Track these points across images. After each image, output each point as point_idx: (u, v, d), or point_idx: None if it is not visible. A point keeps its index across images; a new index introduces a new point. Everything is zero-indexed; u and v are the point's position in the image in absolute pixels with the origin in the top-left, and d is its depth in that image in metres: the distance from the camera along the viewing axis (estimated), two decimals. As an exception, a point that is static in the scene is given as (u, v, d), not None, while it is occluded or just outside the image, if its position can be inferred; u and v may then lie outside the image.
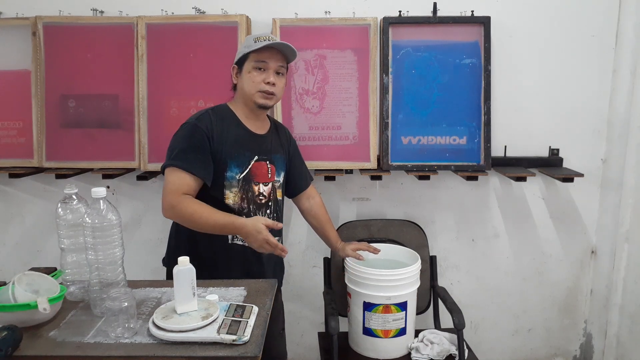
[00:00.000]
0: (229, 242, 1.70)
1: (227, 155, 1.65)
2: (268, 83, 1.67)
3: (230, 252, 1.70)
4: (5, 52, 2.21)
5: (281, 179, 1.81)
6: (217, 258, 1.69)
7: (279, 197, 1.81)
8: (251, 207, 1.71)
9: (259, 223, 1.53)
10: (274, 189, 1.77)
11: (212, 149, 1.62)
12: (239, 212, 1.68)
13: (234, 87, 1.77)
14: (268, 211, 1.76)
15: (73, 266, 1.34)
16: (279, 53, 1.69)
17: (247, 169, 1.69)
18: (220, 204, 1.65)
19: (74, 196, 1.32)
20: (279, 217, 1.82)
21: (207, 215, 1.56)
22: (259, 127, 1.77)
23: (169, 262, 1.80)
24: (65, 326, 1.20)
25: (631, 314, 2.25)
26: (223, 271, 1.66)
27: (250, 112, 1.74)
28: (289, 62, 1.75)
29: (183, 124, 1.66)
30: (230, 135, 1.67)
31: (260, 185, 1.73)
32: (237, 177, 1.67)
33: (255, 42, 1.66)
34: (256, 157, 1.71)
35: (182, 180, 1.58)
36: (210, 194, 1.65)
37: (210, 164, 1.62)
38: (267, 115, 1.84)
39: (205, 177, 1.61)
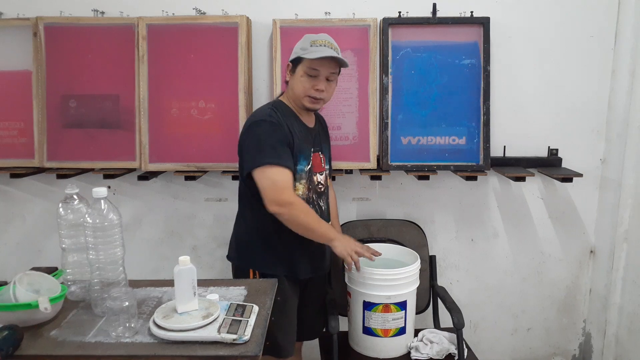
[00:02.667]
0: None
1: (297, 149, 1.73)
2: (317, 90, 1.73)
3: (306, 242, 1.77)
4: (6, 53, 2.22)
5: (329, 167, 1.96)
6: (292, 249, 1.79)
7: (329, 184, 1.97)
8: (314, 196, 1.83)
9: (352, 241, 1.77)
10: (325, 177, 1.90)
11: (289, 143, 1.70)
12: (307, 201, 1.78)
13: (288, 81, 1.81)
14: (325, 198, 1.90)
15: (74, 266, 1.35)
16: (333, 60, 1.72)
17: (311, 161, 1.80)
18: None
19: (74, 196, 1.33)
20: (329, 202, 1.97)
21: (316, 216, 1.73)
22: (309, 120, 1.86)
23: (242, 256, 1.85)
24: (66, 326, 1.21)
25: (630, 314, 2.25)
26: (304, 260, 1.82)
27: (299, 108, 1.81)
28: (343, 66, 1.79)
29: (255, 122, 1.70)
30: (295, 130, 1.74)
31: (318, 175, 1.84)
32: (305, 169, 1.76)
33: (311, 45, 1.71)
34: (312, 149, 1.82)
35: (286, 177, 1.66)
36: None
37: (292, 159, 1.70)
38: None
39: (293, 171, 1.70)
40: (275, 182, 1.65)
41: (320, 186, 1.85)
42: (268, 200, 1.66)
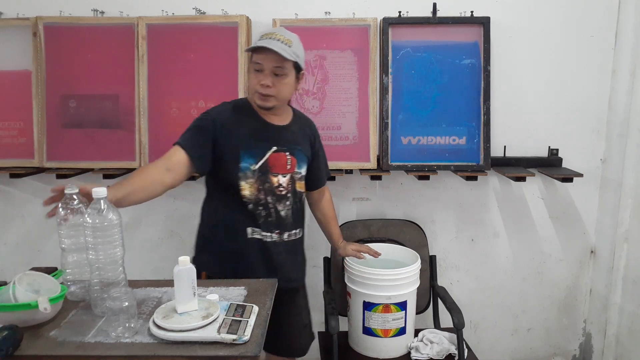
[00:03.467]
0: (249, 236, 1.71)
1: (239, 145, 1.66)
2: (262, 85, 1.64)
3: (250, 246, 1.72)
4: (6, 53, 2.22)
5: (303, 171, 1.78)
6: (237, 253, 1.72)
7: (299, 189, 1.79)
8: (269, 198, 1.70)
9: None
10: (293, 180, 1.75)
11: (216, 136, 1.65)
12: (256, 203, 1.69)
13: None
14: (288, 202, 1.74)
15: (74, 266, 1.35)
16: (277, 53, 1.60)
17: (263, 160, 1.68)
18: (236, 195, 1.67)
19: (74, 196, 1.32)
20: (299, 209, 1.81)
21: (130, 179, 1.58)
22: (278, 119, 1.75)
23: (198, 260, 1.79)
24: (66, 326, 1.21)
25: (630, 314, 2.25)
26: (245, 266, 1.70)
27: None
28: (298, 61, 1.67)
29: None
30: (243, 127, 1.68)
31: (279, 176, 1.71)
32: (252, 167, 1.67)
33: (260, 39, 1.65)
34: (274, 148, 1.70)
35: (173, 153, 1.61)
36: (226, 186, 1.68)
37: (206, 148, 1.64)
38: (291, 107, 1.84)
39: (193, 156, 1.61)
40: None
41: (280, 189, 1.71)
42: None
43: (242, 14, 2.15)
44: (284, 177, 1.73)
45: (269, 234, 1.72)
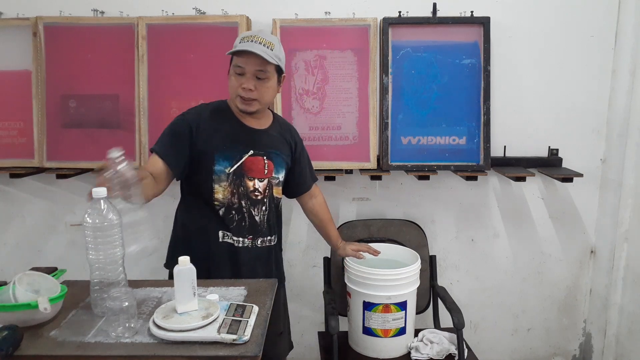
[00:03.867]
0: (220, 240, 1.69)
1: (213, 148, 1.63)
2: (244, 88, 1.61)
3: (220, 250, 1.70)
4: (6, 53, 2.22)
5: (281, 176, 1.76)
6: (208, 257, 1.69)
7: (276, 195, 1.77)
8: (243, 202, 1.68)
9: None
10: (270, 185, 1.72)
11: (192, 140, 1.63)
12: (228, 207, 1.67)
13: None
14: (264, 208, 1.72)
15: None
16: (259, 56, 1.57)
17: (239, 163, 1.66)
18: (209, 199, 1.66)
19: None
20: (276, 215, 1.79)
21: None
22: (257, 122, 1.73)
23: (168, 264, 1.81)
24: (66, 326, 1.21)
25: (630, 314, 2.25)
26: (214, 270, 1.67)
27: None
28: (280, 64, 1.65)
29: None
30: (219, 129, 1.65)
31: (256, 180, 1.69)
32: (227, 170, 1.65)
33: (240, 42, 1.62)
34: (251, 152, 1.67)
35: (152, 162, 1.60)
36: (200, 189, 1.66)
37: (183, 153, 1.63)
38: (271, 112, 1.83)
39: (170, 162, 1.60)
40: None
41: (256, 193, 1.69)
42: None
43: (242, 14, 2.15)
44: (261, 181, 1.70)
45: (240, 238, 1.70)
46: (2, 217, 2.41)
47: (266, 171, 1.71)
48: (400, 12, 2.20)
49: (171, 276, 1.70)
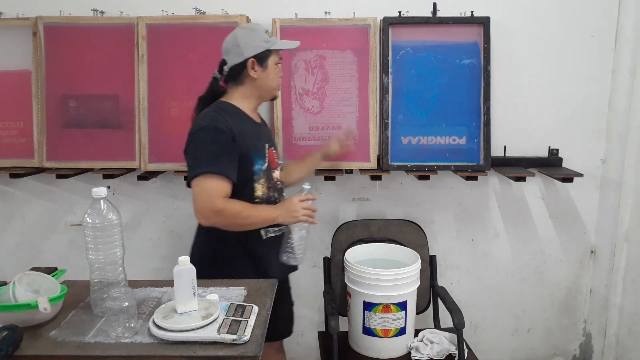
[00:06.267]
0: (264, 237, 1.72)
1: (250, 150, 1.67)
2: (280, 77, 1.78)
3: (267, 246, 1.74)
4: (6, 53, 2.22)
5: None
6: (254, 257, 1.72)
7: (282, 179, 1.87)
8: (276, 194, 1.77)
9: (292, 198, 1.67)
10: (280, 172, 1.84)
11: (236, 148, 1.62)
12: (267, 201, 1.73)
13: (238, 81, 1.71)
14: (284, 194, 1.83)
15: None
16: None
17: (267, 158, 1.73)
18: (251, 199, 1.68)
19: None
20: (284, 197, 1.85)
21: (251, 210, 1.63)
22: (256, 117, 1.80)
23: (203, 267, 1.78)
24: (66, 326, 1.21)
25: (631, 314, 2.25)
26: (267, 268, 1.72)
27: (257, 105, 1.78)
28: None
29: (198, 129, 1.60)
30: (245, 130, 1.68)
31: (276, 171, 1.79)
32: (263, 168, 1.71)
33: (269, 36, 1.71)
34: (267, 145, 1.76)
35: (220, 185, 1.56)
36: (241, 192, 1.66)
37: (236, 165, 1.63)
38: None
39: (234, 180, 1.61)
40: (205, 191, 1.56)
41: (278, 183, 1.80)
42: (196, 212, 1.58)
43: (242, 14, 2.15)
44: (277, 170, 1.81)
45: (276, 227, 1.74)
46: (2, 217, 2.41)
47: (277, 160, 1.82)
48: (400, 12, 2.20)
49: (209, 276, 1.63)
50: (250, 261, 1.72)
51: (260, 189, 1.70)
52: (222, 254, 1.72)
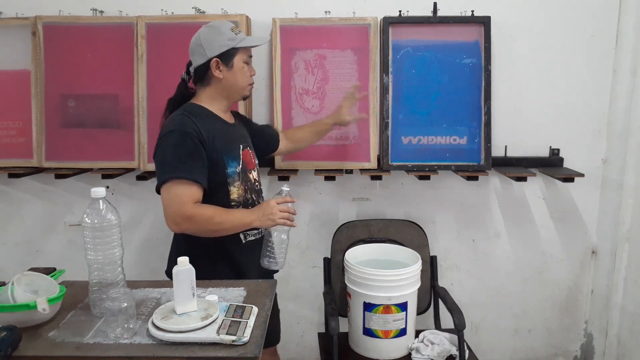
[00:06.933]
0: (243, 242, 1.69)
1: (221, 152, 1.62)
2: (252, 75, 1.73)
3: (247, 250, 1.70)
4: (5, 52, 2.21)
5: (257, 161, 1.83)
6: (237, 260, 1.68)
7: (260, 179, 1.84)
8: (253, 196, 1.73)
9: (269, 201, 1.62)
10: (258, 173, 1.80)
11: (206, 151, 1.58)
12: (244, 204, 1.68)
13: (204, 82, 1.67)
14: (262, 195, 1.81)
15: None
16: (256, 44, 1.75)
17: (241, 160, 1.69)
18: (226, 202, 1.64)
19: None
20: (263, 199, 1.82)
21: (224, 214, 1.57)
22: (229, 117, 1.76)
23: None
24: (65, 326, 1.20)
25: (632, 314, 2.24)
26: (246, 271, 1.69)
27: (227, 105, 1.72)
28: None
29: (165, 134, 1.56)
30: (216, 132, 1.63)
31: (252, 172, 1.74)
32: (237, 170, 1.66)
33: (236, 33, 1.65)
34: (241, 146, 1.71)
35: (189, 190, 1.52)
36: (215, 195, 1.62)
37: (206, 169, 1.58)
38: None
39: (204, 184, 1.57)
40: (174, 197, 1.51)
41: (257, 184, 1.76)
42: (166, 219, 1.53)
43: (242, 14, 2.15)
44: (254, 171, 1.76)
45: (256, 230, 1.71)
46: (0, 217, 2.40)
47: (254, 160, 1.78)
48: (400, 11, 2.20)
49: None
50: (230, 266, 1.68)
51: (235, 192, 1.65)
52: (201, 260, 1.62)
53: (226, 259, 1.67)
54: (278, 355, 2.00)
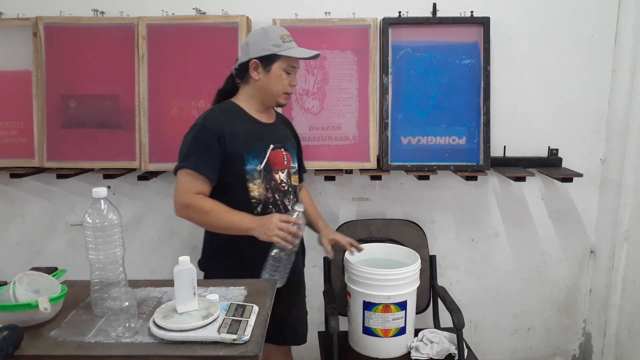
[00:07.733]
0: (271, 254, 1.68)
1: (242, 149, 1.67)
2: (292, 85, 1.75)
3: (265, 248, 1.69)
4: (6, 53, 2.22)
5: (296, 165, 1.85)
6: (255, 256, 1.68)
7: (294, 183, 1.84)
8: (276, 195, 1.74)
9: (273, 215, 1.62)
10: (289, 175, 1.80)
11: (223, 147, 1.64)
12: (265, 202, 1.71)
13: (244, 79, 1.74)
14: (291, 197, 1.80)
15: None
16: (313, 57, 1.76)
17: (266, 159, 1.71)
18: (246, 199, 1.68)
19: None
20: (298, 201, 1.85)
21: (223, 213, 1.61)
22: (267, 117, 1.80)
23: (206, 266, 1.81)
24: (66, 326, 1.21)
25: (630, 314, 2.25)
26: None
27: (263, 107, 1.78)
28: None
29: (192, 125, 1.68)
30: (241, 129, 1.69)
31: (280, 173, 1.76)
32: (258, 168, 1.69)
33: (283, 41, 1.68)
34: (272, 146, 1.74)
35: (193, 181, 1.62)
36: (234, 191, 1.67)
37: (216, 165, 1.64)
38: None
39: (211, 178, 1.64)
40: (179, 184, 1.63)
41: (283, 185, 1.76)
42: (174, 205, 1.64)
43: (243, 14, 2.15)
44: (283, 173, 1.77)
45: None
46: (2, 217, 2.41)
47: (286, 162, 1.79)
48: (400, 12, 2.20)
49: (207, 276, 1.76)
50: (242, 266, 1.71)
51: (256, 189, 1.69)
52: (216, 256, 1.76)
53: (240, 258, 1.71)
54: (292, 355, 2.02)
